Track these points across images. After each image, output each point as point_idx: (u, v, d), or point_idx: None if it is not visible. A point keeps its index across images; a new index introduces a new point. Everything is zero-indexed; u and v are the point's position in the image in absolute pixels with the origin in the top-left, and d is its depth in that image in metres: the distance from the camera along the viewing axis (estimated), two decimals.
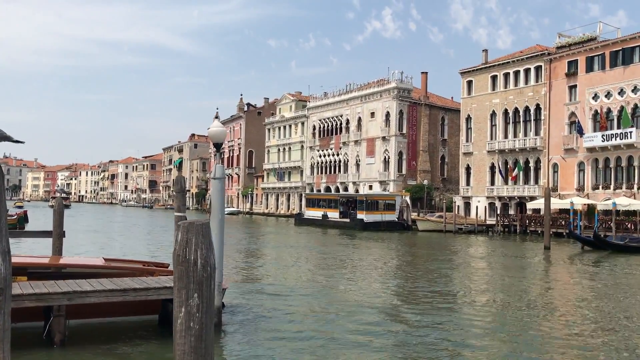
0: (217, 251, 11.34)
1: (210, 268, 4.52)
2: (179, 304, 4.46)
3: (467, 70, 57.10)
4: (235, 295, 15.44)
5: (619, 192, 42.64)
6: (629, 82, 42.98)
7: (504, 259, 29.42)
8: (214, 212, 11.87)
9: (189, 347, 4.43)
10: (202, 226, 4.53)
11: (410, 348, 10.82)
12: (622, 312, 14.77)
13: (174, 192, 17.16)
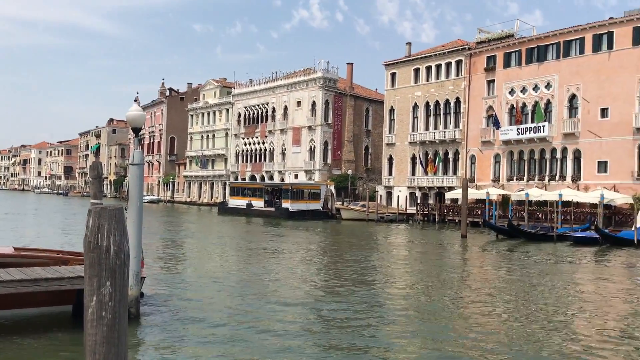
0: (135, 239, 10.93)
1: (124, 255, 4.28)
2: (90, 292, 4.20)
3: (391, 63, 58.11)
4: (154, 285, 14.99)
5: (532, 183, 44.85)
6: (542, 79, 45.14)
7: (423, 247, 30.27)
8: (132, 200, 11.42)
9: (100, 337, 4.18)
10: (116, 211, 4.28)
11: (330, 335, 10.87)
12: (534, 295, 15.51)
13: (90, 179, 16.40)
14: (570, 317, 13.04)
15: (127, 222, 9.43)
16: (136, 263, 11.12)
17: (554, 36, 44.62)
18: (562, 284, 17.93)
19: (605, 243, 31.50)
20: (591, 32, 42.16)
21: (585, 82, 42.22)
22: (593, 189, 40.08)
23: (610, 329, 11.91)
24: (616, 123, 40.23)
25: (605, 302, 15.15)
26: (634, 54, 39.64)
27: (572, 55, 43.37)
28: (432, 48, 57.20)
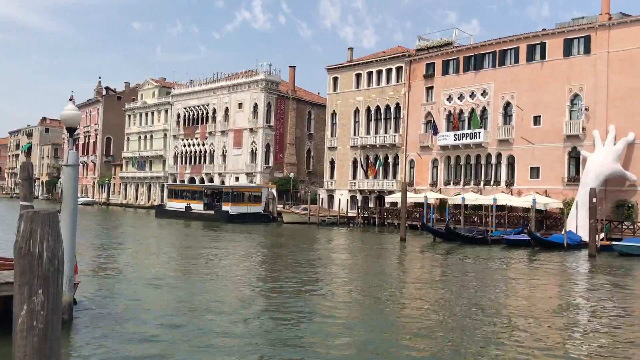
0: (68, 243, 10.50)
1: (58, 262, 4.08)
2: (20, 301, 3.99)
3: (333, 67, 58.53)
4: (88, 291, 14.45)
5: (468, 187, 46.10)
6: (479, 87, 46.54)
7: (363, 250, 30.56)
8: (66, 202, 10.97)
9: (31, 349, 3.97)
10: (49, 216, 4.07)
11: (269, 339, 10.77)
12: (469, 297, 15.90)
13: (20, 180, 15.65)
14: (502, 318, 13.42)
15: (61, 226, 9.05)
16: (70, 268, 10.70)
17: (490, 45, 46.10)
18: (495, 286, 18.47)
19: (537, 246, 32.73)
20: (525, 42, 43.81)
21: (520, 90, 43.81)
22: (526, 194, 41.59)
23: (538, 327, 12.34)
24: (548, 130, 41.92)
25: (535, 302, 15.70)
26: (564, 65, 41.46)
27: (507, 65, 44.92)
28: (373, 54, 58.01)
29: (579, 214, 34.44)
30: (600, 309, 15.09)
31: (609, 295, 17.39)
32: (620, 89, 38.39)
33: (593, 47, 39.97)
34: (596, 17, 40.52)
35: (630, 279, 21.87)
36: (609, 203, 37.72)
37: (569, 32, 41.44)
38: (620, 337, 11.89)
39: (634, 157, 37.33)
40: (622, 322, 13.48)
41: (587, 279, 21.51)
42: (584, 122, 39.93)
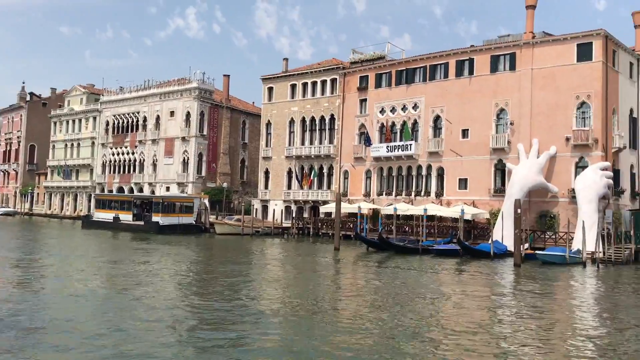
0: None
1: None
2: None
3: (269, 77, 58.39)
4: (6, 306, 13.58)
5: (400, 198, 46.91)
6: (410, 100, 47.58)
7: (297, 260, 30.42)
8: None
9: None
10: None
11: (198, 352, 10.45)
12: (402, 304, 16.06)
13: None
14: (433, 325, 13.62)
15: None
16: None
17: (421, 60, 47.28)
18: (426, 294, 18.77)
19: (465, 255, 33.64)
20: (454, 58, 45.21)
21: (449, 104, 45.09)
22: (454, 204, 42.71)
23: (466, 331, 12.59)
24: (475, 143, 43.31)
25: (463, 308, 16.05)
26: (491, 80, 43.03)
27: (438, 79, 46.17)
28: (308, 65, 58.28)
29: (505, 224, 35.68)
30: (524, 314, 15.59)
31: (532, 302, 18.02)
32: (543, 104, 40.20)
33: (518, 64, 41.72)
34: (521, 36, 42.35)
35: (552, 286, 22.77)
36: (532, 214, 39.29)
37: (495, 49, 43.11)
38: (543, 341, 12.29)
39: (556, 170, 39.10)
40: (544, 326, 13.97)
41: (512, 287, 22.23)
42: (510, 135, 41.52)
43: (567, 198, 38.19)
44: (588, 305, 18.39)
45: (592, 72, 38.41)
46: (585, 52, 38.86)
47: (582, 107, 38.75)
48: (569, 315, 16.16)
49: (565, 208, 38.13)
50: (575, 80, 38.98)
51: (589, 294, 21.29)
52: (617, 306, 18.19)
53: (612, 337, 13.13)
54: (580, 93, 38.71)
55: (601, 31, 38.31)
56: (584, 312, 16.94)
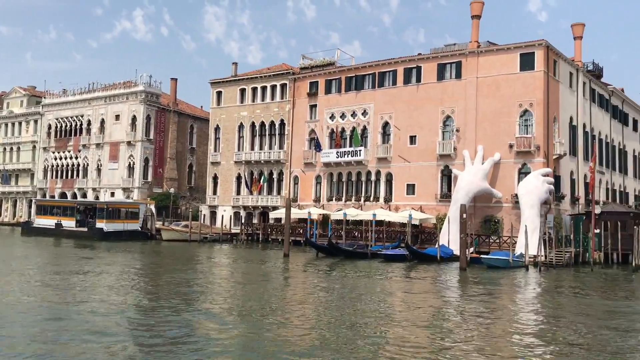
0: None
1: None
2: None
3: (217, 81, 57.79)
4: None
5: (349, 203, 47.16)
6: (359, 106, 47.98)
7: (246, 266, 30.09)
8: None
9: None
10: None
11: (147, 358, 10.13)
12: (351, 308, 16.05)
13: None
14: (380, 326, 13.66)
15: None
16: None
17: (371, 67, 47.79)
18: (375, 297, 18.85)
19: (413, 259, 34.06)
20: (403, 65, 45.89)
21: (397, 111, 45.71)
22: (402, 210, 43.27)
23: (414, 334, 12.70)
24: (423, 150, 44.02)
25: (411, 311, 16.19)
26: (438, 88, 43.87)
27: (386, 86, 46.75)
28: (258, 70, 58.04)
29: (451, 228, 36.32)
30: (469, 316, 15.85)
31: (477, 304, 18.36)
32: (488, 112, 41.25)
33: (464, 72, 42.70)
34: (467, 45, 43.39)
35: (495, 289, 23.28)
36: (477, 218, 40.20)
37: (442, 57, 44.00)
38: (487, 341, 12.51)
39: (500, 176, 40.16)
40: (488, 327, 14.23)
41: (458, 290, 22.62)
42: (456, 142, 42.40)
43: (510, 203, 39.25)
44: (529, 306, 18.87)
45: (535, 81, 39.69)
46: (527, 61, 40.15)
47: (525, 115, 39.97)
48: (511, 316, 16.53)
49: (508, 213, 39.16)
50: (518, 89, 40.18)
51: (531, 296, 21.87)
52: (558, 307, 18.75)
53: (553, 337, 13.49)
54: (523, 101, 39.93)
55: (543, 42, 39.66)
56: (525, 313, 17.36)
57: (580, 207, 42.89)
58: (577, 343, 12.85)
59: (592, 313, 17.42)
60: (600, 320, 16.12)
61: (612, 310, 18.04)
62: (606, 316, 16.83)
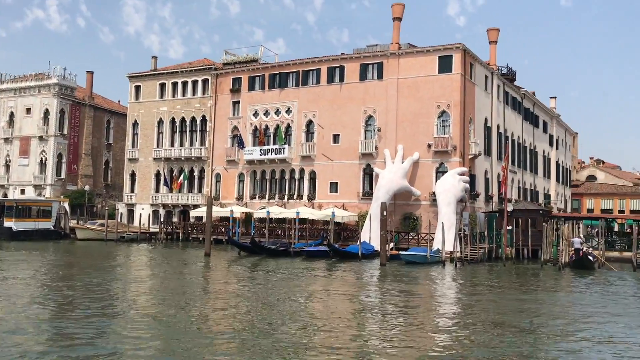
0: None
1: None
2: None
3: (136, 75, 55.97)
4: None
5: (273, 201, 46.99)
6: (283, 104, 47.89)
7: (165, 266, 29.31)
8: None
9: None
10: None
11: None
12: (273, 306, 15.95)
13: None
14: (300, 325, 13.66)
15: None
16: None
17: (295, 65, 47.80)
18: (297, 295, 18.86)
19: (335, 256, 34.39)
20: (326, 64, 46.21)
21: (321, 109, 45.98)
22: (326, 207, 43.61)
23: (336, 330, 12.78)
24: (346, 148, 44.54)
25: (332, 307, 16.31)
26: (360, 88, 44.50)
27: (310, 84, 46.91)
28: (179, 64, 56.70)
29: (372, 225, 36.98)
30: (387, 311, 16.16)
31: (395, 299, 18.76)
32: (408, 112, 42.28)
33: (385, 73, 43.55)
34: (388, 46, 44.27)
35: (413, 284, 23.90)
36: (397, 215, 41.15)
37: (364, 58, 44.67)
38: (404, 334, 12.79)
39: (419, 174, 41.28)
40: (404, 321, 14.56)
41: (377, 286, 23.04)
42: (377, 141, 43.19)
43: (428, 201, 40.44)
44: (445, 300, 19.48)
45: (452, 83, 41.06)
46: (445, 64, 41.47)
47: (443, 116, 41.28)
48: (427, 310, 17.00)
49: (427, 210, 40.33)
50: (436, 91, 41.43)
51: (447, 290, 22.60)
52: (472, 301, 19.46)
53: (466, 329, 13.97)
54: (441, 102, 41.21)
55: (460, 45, 41.09)
56: (441, 307, 17.91)
57: (493, 204, 44.84)
58: (491, 335, 13.36)
59: (505, 305, 18.21)
60: (512, 312, 16.87)
61: (522, 300, 18.93)
62: (517, 308, 17.63)
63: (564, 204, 63.48)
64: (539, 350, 12.08)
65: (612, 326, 14.80)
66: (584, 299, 20.18)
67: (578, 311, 17.33)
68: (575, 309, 17.78)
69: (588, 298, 20.56)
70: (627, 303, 19.37)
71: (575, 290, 23.42)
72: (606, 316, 16.41)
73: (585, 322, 15.31)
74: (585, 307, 18.02)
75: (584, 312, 17.12)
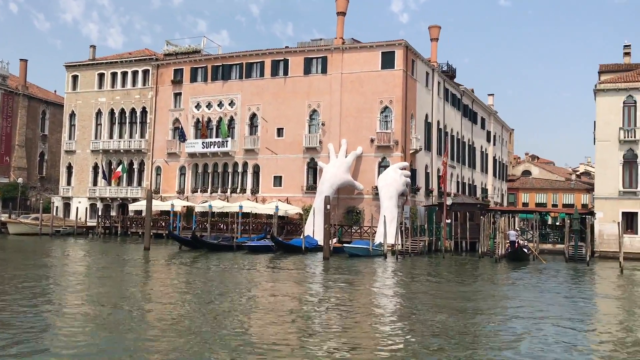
0: None
1: None
2: None
3: (73, 65, 54.08)
4: None
5: (215, 195, 46.43)
6: (227, 96, 47.31)
7: (103, 261, 28.50)
8: None
9: None
10: None
11: None
12: (213, 302, 15.77)
13: None
14: (242, 320, 13.59)
15: None
16: None
17: (238, 57, 47.29)
18: (239, 290, 18.73)
19: (278, 250, 34.34)
20: (270, 57, 45.94)
21: (265, 102, 45.71)
22: (269, 201, 43.46)
23: (275, 324, 12.78)
24: (290, 142, 44.48)
25: (275, 302, 16.29)
26: (304, 82, 44.49)
27: (254, 77, 46.53)
28: (118, 54, 55.17)
29: (316, 219, 37.14)
30: (330, 303, 16.28)
31: (337, 291, 18.92)
32: (351, 107, 42.60)
33: (329, 68, 43.70)
34: (332, 41, 44.41)
35: (356, 276, 24.16)
36: (341, 209, 41.47)
37: (309, 52, 44.67)
38: (346, 325, 12.92)
39: (362, 169, 41.71)
40: (347, 313, 14.72)
41: (321, 278, 23.16)
42: (321, 135, 43.34)
43: (371, 195, 40.94)
44: (388, 292, 19.80)
45: (394, 79, 41.63)
46: (388, 60, 41.99)
47: (385, 112, 41.83)
48: (371, 303, 17.23)
49: (369, 204, 40.82)
50: (379, 86, 41.91)
51: (389, 282, 22.97)
52: (412, 292, 19.86)
53: (406, 319, 14.25)
54: (383, 98, 41.73)
55: (402, 42, 41.69)
56: (384, 299, 18.19)
57: (433, 198, 45.86)
58: (432, 325, 13.67)
59: (444, 296, 18.67)
60: (451, 301, 17.30)
61: (460, 291, 19.46)
62: (456, 298, 18.10)
63: (500, 198, 65.61)
64: (475, 334, 12.44)
65: (537, 310, 15.41)
66: (516, 289, 20.92)
67: (511, 300, 17.95)
68: (508, 298, 18.41)
69: (520, 288, 21.33)
70: (556, 292, 20.22)
71: (509, 281, 24.24)
72: (535, 305, 17.06)
73: (517, 308, 15.88)
74: (516, 296, 18.69)
75: (515, 299, 17.75)
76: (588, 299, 19.41)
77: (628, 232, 35.99)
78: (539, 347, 11.60)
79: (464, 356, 10.79)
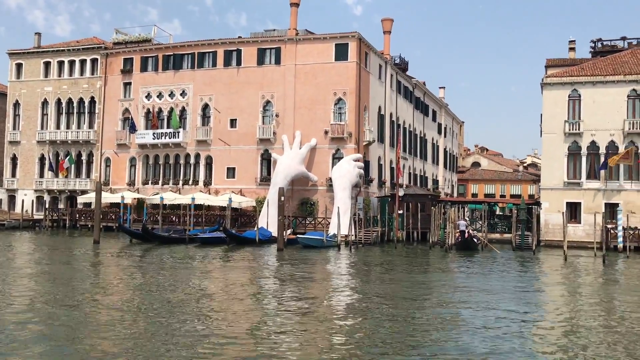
0: None
1: None
2: None
3: (17, 52, 52.08)
4: None
5: (167, 187, 45.68)
6: (178, 86, 46.51)
7: (50, 255, 27.73)
8: None
9: None
10: None
11: None
12: (164, 295, 15.58)
13: None
14: (193, 311, 13.49)
15: None
16: None
17: (190, 47, 46.51)
18: (190, 283, 18.56)
19: (232, 242, 34.14)
20: (223, 47, 45.36)
21: (217, 93, 45.15)
22: (222, 193, 43.07)
23: (231, 316, 12.75)
24: (243, 133, 44.12)
25: (227, 294, 16.23)
26: (258, 72, 44.15)
27: (206, 67, 45.87)
28: (66, 42, 53.43)
29: (270, 211, 37.06)
30: (283, 295, 16.34)
31: (291, 283, 18.99)
32: (305, 98, 42.57)
33: (283, 59, 43.47)
34: (286, 32, 44.19)
35: (309, 267, 24.29)
36: (295, 201, 41.47)
37: (262, 42, 44.32)
38: (300, 316, 13.00)
39: (316, 160, 41.78)
40: (301, 304, 14.80)
41: (274, 270, 23.18)
42: (275, 127, 43.16)
43: (325, 186, 41.11)
44: (342, 282, 19.98)
45: (348, 71, 41.79)
46: (342, 52, 42.09)
47: (339, 103, 41.97)
48: (323, 292, 17.36)
49: (323, 195, 40.99)
50: (333, 78, 41.99)
51: (343, 272, 23.18)
52: (364, 282, 20.11)
53: (358, 310, 14.44)
54: (337, 90, 41.85)
55: (356, 34, 41.86)
56: (336, 289, 18.35)
57: (386, 190, 46.39)
58: (385, 313, 13.88)
59: (397, 284, 18.98)
60: (404, 289, 17.62)
61: (411, 279, 19.84)
62: (408, 286, 18.44)
63: (450, 189, 66.96)
64: (425, 319, 12.72)
65: (486, 297, 15.87)
66: (465, 277, 21.46)
67: (460, 288, 18.42)
68: (458, 286, 18.88)
69: (469, 275, 21.89)
70: (504, 280, 20.85)
71: (459, 269, 24.84)
72: (483, 290, 17.56)
73: (465, 294, 16.31)
74: (464, 282, 19.19)
75: (464, 286, 18.23)
76: (534, 286, 20.09)
77: (572, 221, 37.33)
78: (488, 334, 11.95)
79: (413, 342, 11.02)
